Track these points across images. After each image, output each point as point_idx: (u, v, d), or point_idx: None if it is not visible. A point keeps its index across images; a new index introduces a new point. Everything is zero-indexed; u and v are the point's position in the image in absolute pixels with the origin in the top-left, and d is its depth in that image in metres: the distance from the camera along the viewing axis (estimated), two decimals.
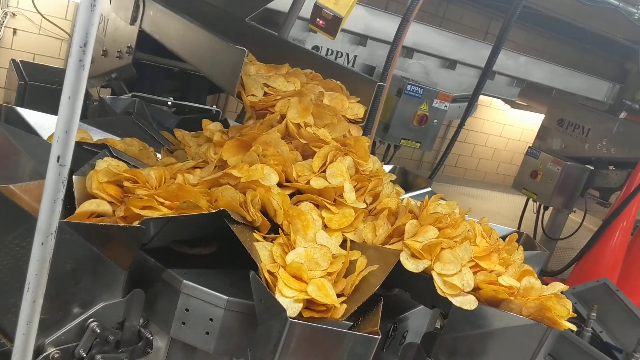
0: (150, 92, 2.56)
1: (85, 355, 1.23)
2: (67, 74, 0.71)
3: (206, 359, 1.40)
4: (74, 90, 0.70)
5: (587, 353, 3.36)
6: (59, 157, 0.83)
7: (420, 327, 1.65)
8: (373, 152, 4.18)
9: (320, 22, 1.54)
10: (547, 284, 4.28)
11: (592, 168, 4.57)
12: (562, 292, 1.36)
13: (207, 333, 1.32)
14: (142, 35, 2.38)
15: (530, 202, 4.76)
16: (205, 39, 1.75)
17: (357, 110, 1.75)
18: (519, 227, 4.92)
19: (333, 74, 1.95)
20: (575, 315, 1.31)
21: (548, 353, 2.84)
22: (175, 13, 1.98)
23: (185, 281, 1.32)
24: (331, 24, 1.53)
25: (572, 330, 1.28)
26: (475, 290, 1.31)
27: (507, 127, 7.22)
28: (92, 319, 1.23)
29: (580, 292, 3.81)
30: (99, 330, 1.23)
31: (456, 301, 1.27)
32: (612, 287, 3.76)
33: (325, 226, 1.43)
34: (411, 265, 1.32)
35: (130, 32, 2.44)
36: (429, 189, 2.06)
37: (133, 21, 2.40)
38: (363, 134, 2.92)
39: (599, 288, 3.80)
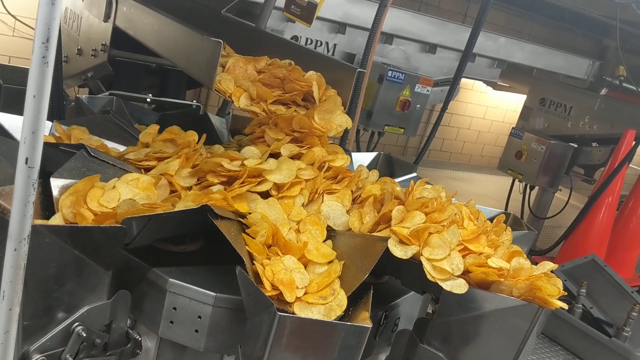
0: (129, 89, 2.51)
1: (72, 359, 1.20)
2: (30, 72, 0.68)
3: (197, 357, 1.38)
4: (38, 89, 0.67)
5: (578, 329, 3.39)
6: (27, 159, 0.80)
7: (412, 313, 1.64)
8: (357, 140, 4.18)
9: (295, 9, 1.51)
10: (536, 264, 4.31)
11: (575, 146, 4.58)
12: (551, 271, 1.36)
13: (196, 331, 1.30)
14: (117, 32, 2.34)
15: (517, 182, 4.77)
16: (180, 33, 1.72)
17: (344, 121, 1.71)
18: (506, 208, 4.94)
19: (312, 62, 1.93)
20: (565, 293, 1.30)
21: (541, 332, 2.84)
22: (148, 8, 1.95)
23: (171, 280, 1.30)
24: (306, 11, 1.50)
25: (564, 309, 1.27)
26: (465, 274, 1.30)
27: (490, 109, 7.23)
28: (77, 323, 1.20)
29: (569, 269, 3.84)
30: (84, 334, 1.20)
31: (446, 285, 1.26)
32: (600, 263, 3.79)
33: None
34: (399, 251, 1.30)
35: (104, 30, 2.39)
36: (414, 174, 2.05)
37: (106, 18, 2.35)
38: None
39: (587, 264, 3.83)
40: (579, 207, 4.49)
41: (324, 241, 1.39)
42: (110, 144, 1.67)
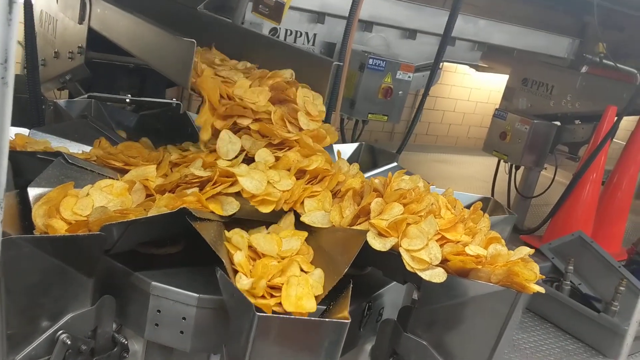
0: (108, 90, 2.51)
1: None
2: None
3: (184, 358, 1.40)
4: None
5: (567, 306, 3.43)
6: None
7: (397, 301, 1.66)
8: (342, 129, 4.19)
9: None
10: (524, 243, 4.36)
11: (559, 124, 4.61)
12: (540, 248, 1.38)
13: (182, 332, 1.32)
14: (93, 34, 2.32)
15: (502, 162, 4.81)
16: (153, 34, 1.71)
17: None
18: (492, 189, 4.97)
19: (289, 57, 1.93)
20: (543, 277, 1.32)
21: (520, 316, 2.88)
22: (121, 9, 1.94)
23: (154, 283, 1.31)
24: (275, 10, 1.50)
25: (541, 292, 1.30)
26: (443, 263, 1.32)
27: (474, 90, 7.25)
28: (61, 331, 1.22)
29: (556, 247, 3.88)
30: (69, 342, 1.21)
31: (425, 275, 1.28)
32: (587, 240, 3.83)
33: None
34: (378, 244, 1.32)
35: (79, 32, 2.38)
36: (394, 164, 2.06)
37: (81, 20, 2.34)
38: (327, 113, 2.91)
39: (574, 241, 3.86)
40: (565, 184, 4.52)
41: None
42: (89, 150, 1.68)
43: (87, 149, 1.69)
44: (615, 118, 4.19)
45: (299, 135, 1.56)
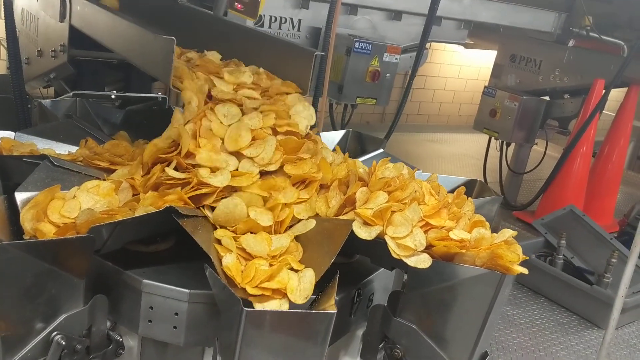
0: (93, 87, 2.51)
1: None
2: None
3: (179, 352, 1.43)
4: None
5: (561, 280, 3.48)
6: None
7: (387, 286, 1.69)
8: (331, 114, 4.19)
9: (239, 6, 1.51)
10: (517, 219, 4.36)
11: (548, 99, 4.63)
12: (533, 223, 1.40)
13: (175, 327, 1.34)
14: (75, 31, 2.32)
15: (493, 140, 4.82)
16: (133, 32, 1.71)
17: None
18: (484, 166, 5.00)
19: (272, 49, 1.93)
20: (527, 258, 1.35)
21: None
22: (101, 7, 1.93)
23: (145, 280, 1.33)
24: (250, 7, 1.50)
25: (524, 274, 1.32)
26: (428, 248, 1.35)
27: (464, 67, 7.25)
28: (55, 332, 1.24)
29: (548, 222, 3.91)
30: (64, 342, 1.24)
31: (411, 261, 1.31)
32: (578, 213, 3.87)
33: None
34: (364, 233, 1.34)
35: (61, 30, 2.37)
36: (380, 151, 2.08)
37: (62, 18, 2.33)
38: (314, 99, 2.91)
39: (566, 215, 3.90)
40: (557, 158, 4.55)
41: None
42: (76, 150, 1.69)
43: (74, 149, 1.70)
44: (604, 91, 4.21)
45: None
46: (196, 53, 1.87)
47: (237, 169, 1.44)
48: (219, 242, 1.31)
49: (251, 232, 1.34)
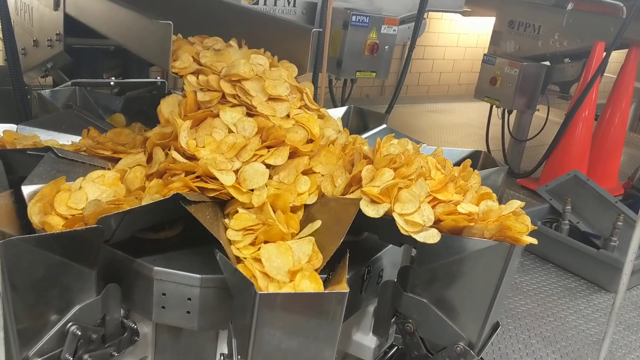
0: (91, 75, 2.49)
1: (72, 358, 1.25)
2: None
3: (193, 336, 1.44)
4: None
5: (567, 245, 3.49)
6: None
7: (396, 261, 1.70)
8: (330, 90, 4.17)
9: None
10: (522, 187, 4.37)
11: (548, 64, 4.59)
12: (537, 190, 1.40)
13: (188, 312, 1.35)
14: (70, 19, 2.29)
15: (495, 107, 4.80)
16: (129, 18, 1.70)
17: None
18: (486, 135, 4.98)
19: (268, 27, 1.92)
20: (535, 227, 1.35)
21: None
22: None
23: (156, 268, 1.33)
24: None
25: (534, 244, 1.32)
26: (437, 223, 1.35)
27: (462, 35, 7.18)
28: (71, 323, 1.25)
29: (553, 188, 3.91)
30: (79, 333, 1.25)
31: (419, 237, 1.31)
32: (582, 178, 3.86)
33: None
34: (372, 211, 1.34)
35: (56, 18, 2.35)
36: (383, 126, 2.07)
37: (56, 6, 2.31)
38: (313, 75, 2.89)
39: (570, 181, 3.90)
40: (559, 123, 4.53)
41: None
42: (79, 140, 1.68)
43: (76, 139, 1.70)
44: (604, 53, 4.17)
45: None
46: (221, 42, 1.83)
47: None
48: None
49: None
